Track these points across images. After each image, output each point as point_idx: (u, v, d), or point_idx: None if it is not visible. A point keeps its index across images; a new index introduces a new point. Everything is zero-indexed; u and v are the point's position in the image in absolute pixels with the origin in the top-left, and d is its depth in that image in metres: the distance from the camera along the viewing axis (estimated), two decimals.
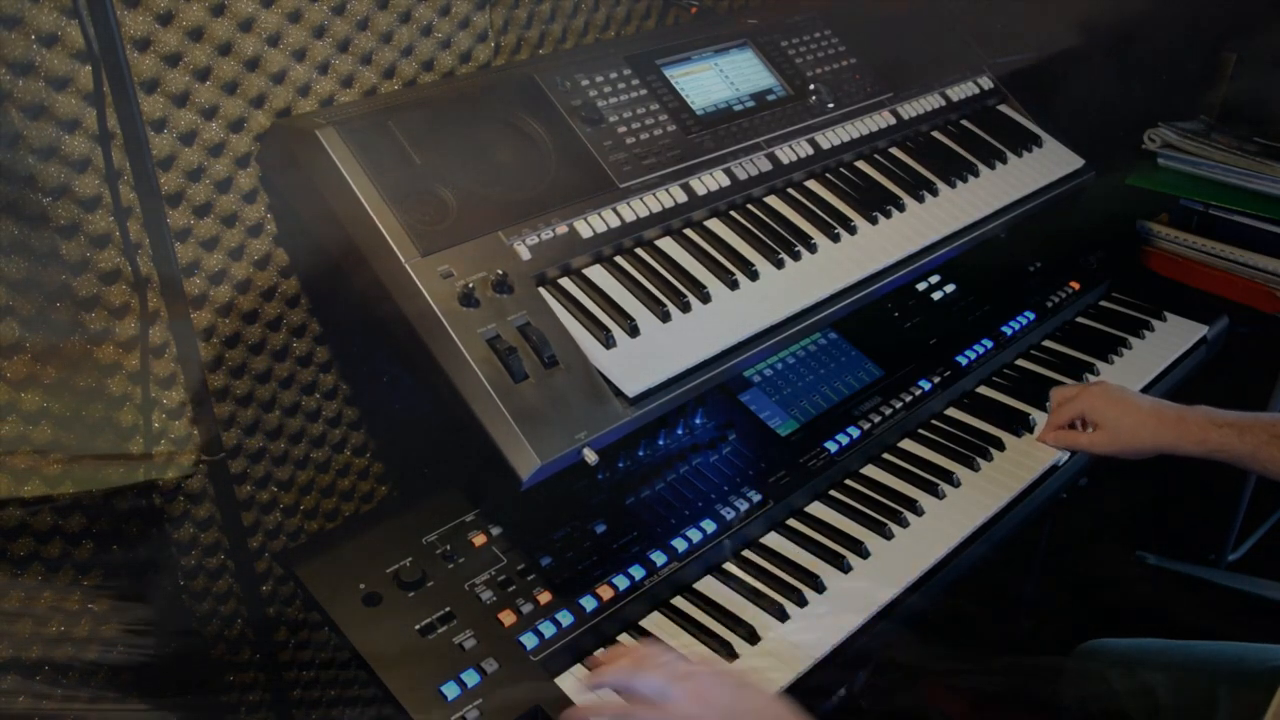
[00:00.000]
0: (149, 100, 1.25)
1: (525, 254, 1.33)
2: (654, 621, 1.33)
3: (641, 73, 1.60)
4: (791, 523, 1.49)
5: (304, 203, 1.35)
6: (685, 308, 1.39)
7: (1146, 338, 1.92)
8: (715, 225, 1.54)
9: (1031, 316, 1.91)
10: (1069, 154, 1.94)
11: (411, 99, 1.43)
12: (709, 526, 1.41)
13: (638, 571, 1.34)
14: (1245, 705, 1.41)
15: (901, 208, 1.67)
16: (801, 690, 1.26)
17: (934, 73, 1.94)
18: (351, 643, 1.22)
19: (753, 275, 1.46)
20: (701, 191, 1.53)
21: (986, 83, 2.02)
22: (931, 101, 1.90)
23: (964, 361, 1.78)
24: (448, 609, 1.26)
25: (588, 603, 1.29)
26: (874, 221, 1.62)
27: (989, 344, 1.82)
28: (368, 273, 1.26)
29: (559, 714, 1.16)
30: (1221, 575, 2.35)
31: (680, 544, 1.38)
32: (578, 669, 1.26)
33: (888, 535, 1.46)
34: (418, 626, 1.24)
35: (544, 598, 1.29)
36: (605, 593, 1.31)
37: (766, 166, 1.62)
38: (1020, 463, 1.60)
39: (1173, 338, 1.92)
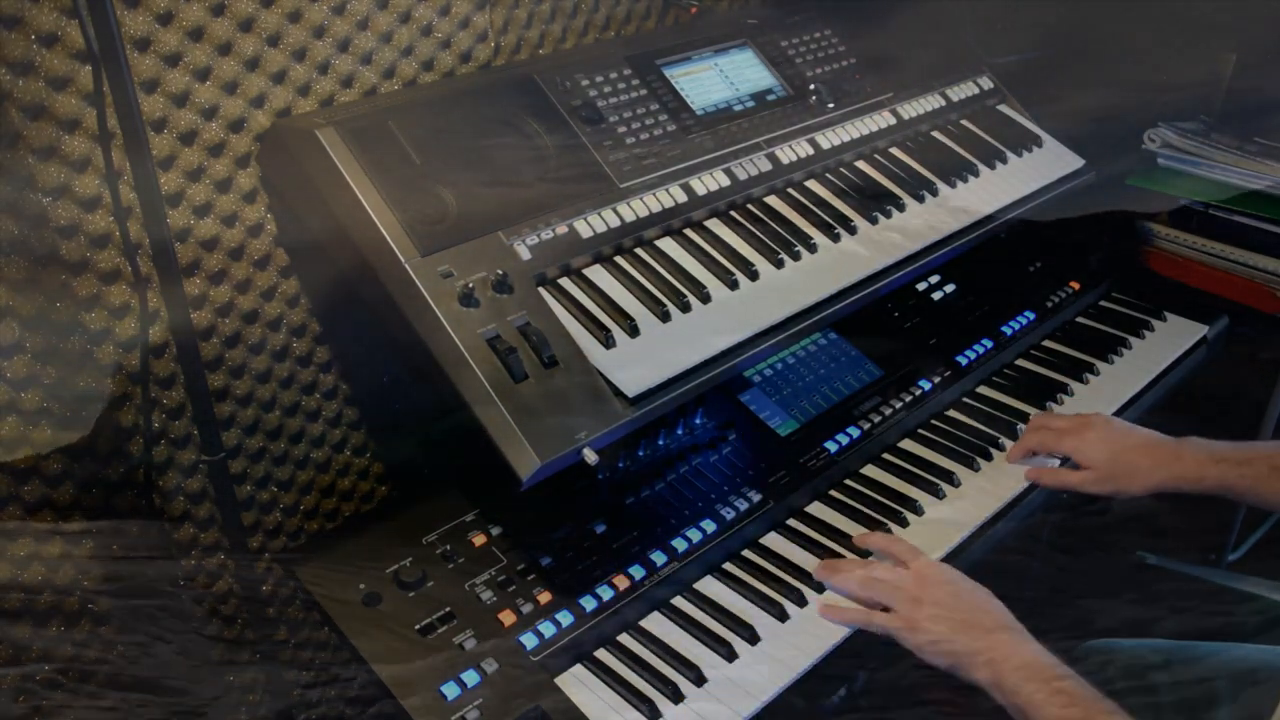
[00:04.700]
0: (149, 100, 1.25)
1: (525, 254, 1.33)
2: (654, 621, 1.33)
3: (641, 73, 1.60)
4: (791, 523, 1.49)
5: (304, 203, 1.35)
6: (685, 308, 1.39)
7: (1146, 338, 1.92)
8: (715, 225, 1.54)
9: (1031, 316, 1.91)
10: (1069, 154, 1.94)
11: (411, 99, 1.43)
12: (709, 526, 1.41)
13: (638, 571, 1.34)
14: (1246, 706, 1.40)
15: (901, 208, 1.67)
16: (802, 689, 1.26)
17: (934, 73, 1.94)
18: (351, 643, 1.22)
19: (753, 275, 1.46)
20: (701, 191, 1.53)
21: (986, 83, 2.02)
22: (931, 101, 1.90)
23: (964, 361, 1.78)
24: (448, 609, 1.26)
25: (588, 603, 1.29)
26: (874, 221, 1.62)
27: (989, 344, 1.82)
28: (368, 273, 1.26)
29: (559, 714, 1.17)
30: (1221, 575, 2.35)
31: (680, 544, 1.38)
32: (578, 669, 1.26)
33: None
34: (418, 626, 1.24)
35: (544, 598, 1.29)
36: (605, 593, 1.31)
37: (766, 166, 1.62)
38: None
39: (1173, 338, 1.92)
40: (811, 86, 1.76)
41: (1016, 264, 2.03)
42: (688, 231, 1.51)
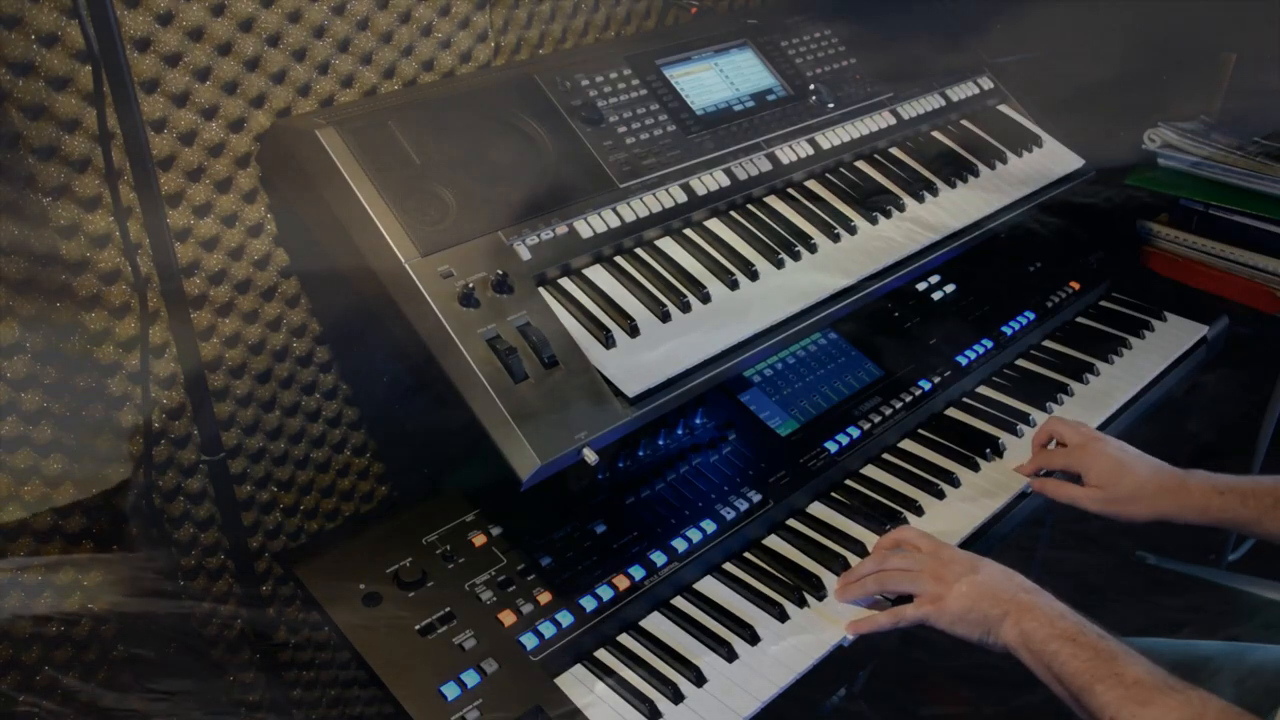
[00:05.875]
0: (149, 100, 1.25)
1: (525, 254, 1.33)
2: (654, 621, 1.33)
3: (641, 73, 1.60)
4: (791, 523, 1.49)
5: (304, 203, 1.35)
6: (685, 308, 1.39)
7: (1146, 338, 1.92)
8: (715, 225, 1.54)
9: (1031, 316, 1.91)
10: (1069, 154, 1.94)
11: (411, 99, 1.43)
12: (709, 526, 1.41)
13: (638, 571, 1.34)
14: (1246, 705, 1.40)
15: (901, 208, 1.67)
16: (801, 690, 1.26)
17: (934, 73, 1.94)
18: (351, 643, 1.22)
19: (753, 275, 1.46)
20: (701, 191, 1.53)
21: (986, 83, 2.02)
22: (931, 101, 1.90)
23: (964, 361, 1.78)
24: (448, 609, 1.26)
25: (588, 603, 1.29)
26: (874, 221, 1.62)
27: (989, 344, 1.82)
28: (368, 273, 1.26)
29: (559, 714, 1.17)
30: (1221, 575, 2.34)
31: (680, 544, 1.38)
32: (578, 669, 1.26)
33: None
34: (418, 626, 1.24)
35: (544, 598, 1.29)
36: (605, 593, 1.31)
37: (766, 166, 1.62)
38: (1020, 463, 1.60)
39: (1173, 338, 1.92)
40: (811, 86, 1.76)
41: (1016, 264, 2.03)
42: (688, 231, 1.51)
